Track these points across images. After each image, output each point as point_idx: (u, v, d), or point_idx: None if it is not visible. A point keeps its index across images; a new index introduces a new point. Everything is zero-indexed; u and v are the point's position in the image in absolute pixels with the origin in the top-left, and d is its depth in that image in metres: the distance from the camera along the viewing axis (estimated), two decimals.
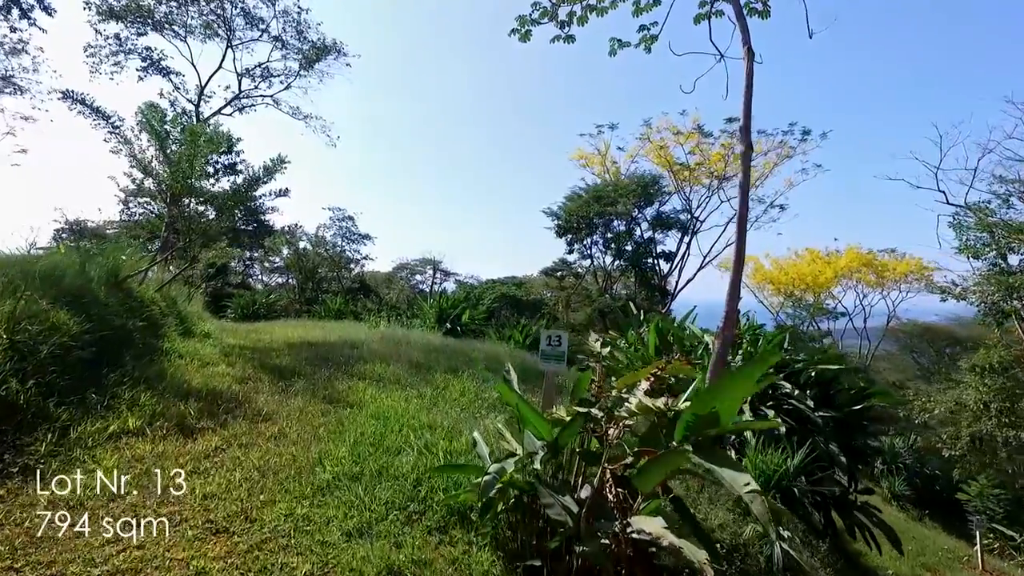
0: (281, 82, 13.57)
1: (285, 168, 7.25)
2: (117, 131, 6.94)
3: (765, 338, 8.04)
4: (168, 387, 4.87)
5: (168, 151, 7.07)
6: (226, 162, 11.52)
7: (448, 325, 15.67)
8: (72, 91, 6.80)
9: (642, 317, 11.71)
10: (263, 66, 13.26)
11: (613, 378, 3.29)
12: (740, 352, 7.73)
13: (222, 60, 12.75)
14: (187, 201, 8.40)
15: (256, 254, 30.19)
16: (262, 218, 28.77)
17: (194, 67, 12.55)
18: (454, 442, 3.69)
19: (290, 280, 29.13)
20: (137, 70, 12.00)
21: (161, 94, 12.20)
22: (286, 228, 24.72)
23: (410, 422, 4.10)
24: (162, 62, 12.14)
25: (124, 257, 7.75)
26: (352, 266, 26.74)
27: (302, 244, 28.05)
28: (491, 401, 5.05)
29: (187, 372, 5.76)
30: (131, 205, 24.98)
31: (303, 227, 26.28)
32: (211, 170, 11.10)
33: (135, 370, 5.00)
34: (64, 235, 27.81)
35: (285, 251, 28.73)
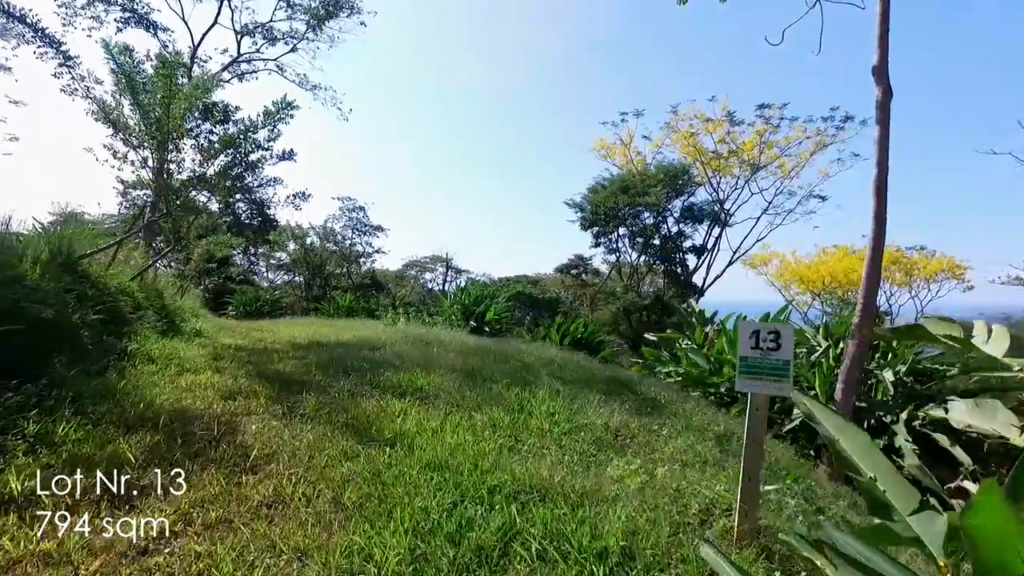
0: (286, 43, 11.96)
1: (291, 115, 5.61)
2: (70, 63, 5.32)
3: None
4: (112, 410, 3.22)
5: (140, 97, 5.44)
6: (222, 133, 9.91)
7: (473, 323, 13.99)
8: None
9: (708, 314, 9.97)
10: (266, 26, 11.61)
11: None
12: (878, 356, 5.99)
13: (217, 14, 11.10)
14: (171, 166, 6.82)
15: (261, 250, 28.70)
16: (266, 210, 27.27)
17: (186, 24, 10.92)
18: (599, 534, 1.99)
19: (296, 277, 27.61)
20: (116, 21, 10.38)
21: (148, 57, 10.55)
22: (294, 203, 23.07)
23: (497, 478, 2.42)
24: (148, 16, 10.50)
25: (84, 234, 6.15)
26: (363, 260, 25.12)
27: (309, 240, 26.51)
28: (597, 432, 3.36)
29: (153, 384, 4.12)
30: (130, 196, 23.50)
31: (311, 195, 24.56)
32: (205, 142, 9.43)
33: (66, 384, 3.36)
34: (57, 228, 26.48)
35: (292, 245, 27.22)
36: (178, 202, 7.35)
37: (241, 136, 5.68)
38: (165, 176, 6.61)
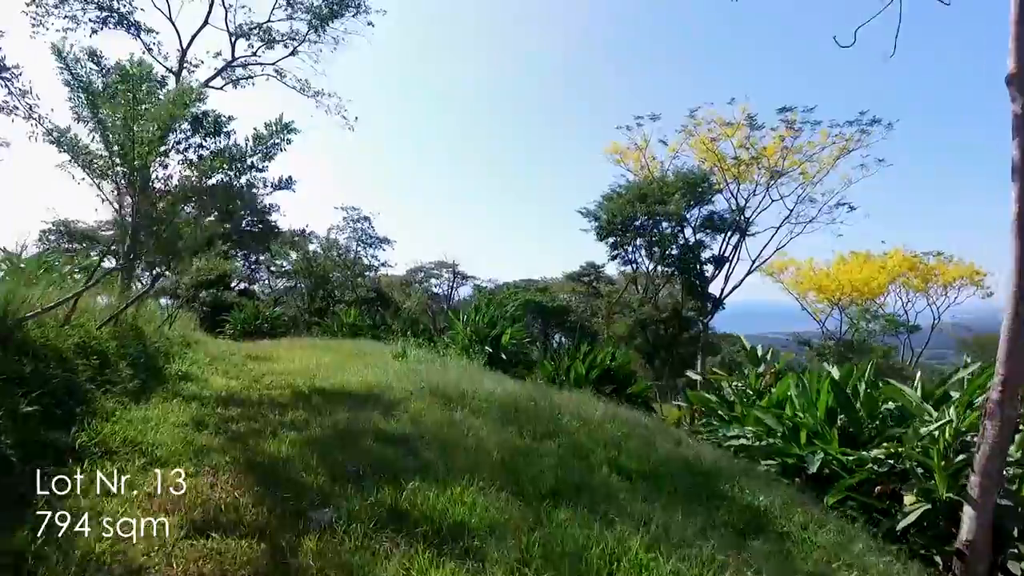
0: (285, 46, 10.84)
1: (289, 140, 4.53)
2: (5, 74, 4.25)
3: None
4: None
5: (101, 114, 4.36)
6: (212, 148, 8.82)
7: (489, 349, 12.91)
8: None
9: (760, 352, 8.83)
10: (263, 27, 10.51)
11: None
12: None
13: (208, 14, 9.94)
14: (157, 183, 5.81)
15: (262, 257, 27.68)
16: (267, 217, 26.24)
17: (173, 24, 9.76)
18: None
19: (299, 285, 26.59)
20: (91, 21, 9.21)
21: (131, 61, 9.37)
22: (295, 227, 22.04)
23: None
24: (131, 15, 9.36)
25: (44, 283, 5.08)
26: (368, 273, 24.03)
27: (312, 247, 25.48)
28: None
29: (97, 512, 3.04)
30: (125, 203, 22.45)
31: (313, 232, 23.57)
32: (193, 156, 8.34)
33: None
34: (51, 237, 25.43)
35: (294, 255, 26.17)
36: (164, 233, 6.29)
37: (225, 165, 4.61)
38: (139, 209, 5.53)
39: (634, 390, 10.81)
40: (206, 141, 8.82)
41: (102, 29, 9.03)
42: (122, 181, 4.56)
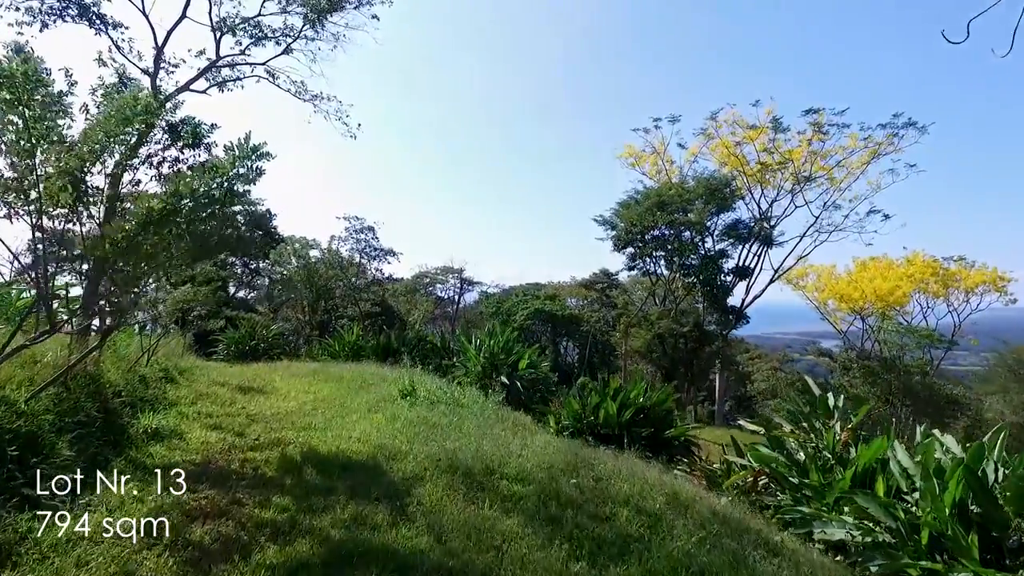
0: (278, 43, 9.52)
1: (260, 169, 3.28)
2: None
3: None
4: None
5: (13, 124, 3.12)
6: (192, 162, 7.59)
7: (505, 380, 11.66)
8: None
9: (833, 401, 7.51)
10: (252, 21, 9.23)
11: None
12: None
13: (186, 5, 8.52)
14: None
15: (262, 264, 26.49)
16: (267, 222, 25.07)
17: (146, 18, 8.38)
18: None
19: (300, 289, 25.41)
20: (45, 12, 7.84)
21: (100, 60, 8.03)
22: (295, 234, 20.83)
23: None
24: (95, 7, 7.96)
25: None
26: (373, 287, 22.76)
27: (314, 252, 24.26)
28: None
29: None
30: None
31: (316, 239, 22.38)
32: (169, 170, 7.08)
33: None
34: (39, 246, 24.32)
35: (294, 261, 24.96)
36: (127, 267, 5.07)
37: (171, 206, 3.36)
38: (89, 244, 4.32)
39: (674, 433, 9.53)
40: (183, 153, 7.51)
41: (57, 22, 7.70)
42: (33, 218, 3.35)
